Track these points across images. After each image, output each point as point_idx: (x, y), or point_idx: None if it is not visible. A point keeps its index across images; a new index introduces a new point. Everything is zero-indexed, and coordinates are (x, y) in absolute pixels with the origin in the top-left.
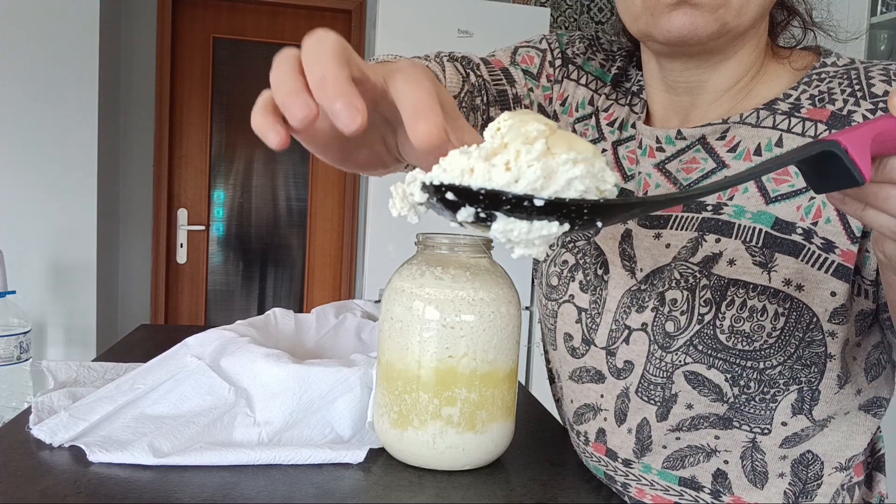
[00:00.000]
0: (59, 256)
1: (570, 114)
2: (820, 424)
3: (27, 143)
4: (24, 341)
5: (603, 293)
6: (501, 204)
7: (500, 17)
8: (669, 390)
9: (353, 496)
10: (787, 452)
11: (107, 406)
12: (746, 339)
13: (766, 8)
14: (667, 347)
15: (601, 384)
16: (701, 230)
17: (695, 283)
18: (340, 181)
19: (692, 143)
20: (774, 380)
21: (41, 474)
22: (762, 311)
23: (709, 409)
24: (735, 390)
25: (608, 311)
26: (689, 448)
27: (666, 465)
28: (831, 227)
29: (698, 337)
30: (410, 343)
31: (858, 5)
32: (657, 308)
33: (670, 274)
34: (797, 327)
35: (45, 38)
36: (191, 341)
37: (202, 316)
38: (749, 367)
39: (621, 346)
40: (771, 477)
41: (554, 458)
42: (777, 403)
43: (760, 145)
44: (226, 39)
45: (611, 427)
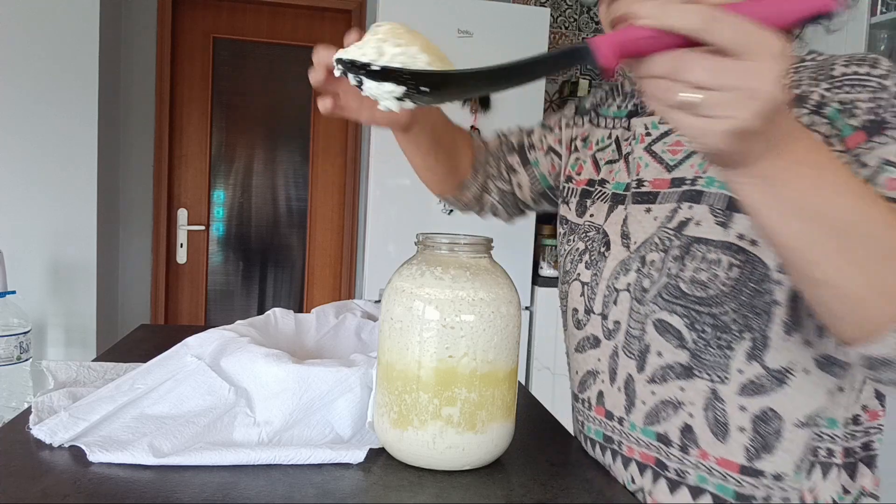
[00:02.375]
0: (59, 256)
1: (590, 147)
2: (776, 376)
3: (27, 143)
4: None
5: (601, 266)
6: (359, 70)
7: (500, 17)
8: (643, 341)
9: (353, 496)
10: (745, 403)
11: (107, 406)
12: (702, 287)
13: None
14: (641, 300)
15: (598, 348)
16: (679, 200)
17: (669, 244)
18: (340, 181)
19: None
20: (728, 326)
21: (41, 474)
22: (717, 262)
23: (674, 356)
24: (693, 335)
25: (603, 280)
26: (661, 403)
27: (646, 422)
28: None
29: (665, 288)
30: (410, 343)
31: (858, 5)
32: (639, 269)
33: (653, 241)
34: (750, 277)
35: (45, 38)
36: (191, 341)
37: (202, 316)
38: (704, 312)
39: (612, 308)
40: (732, 430)
41: (554, 458)
42: (733, 351)
43: None
44: (226, 39)
45: (606, 388)
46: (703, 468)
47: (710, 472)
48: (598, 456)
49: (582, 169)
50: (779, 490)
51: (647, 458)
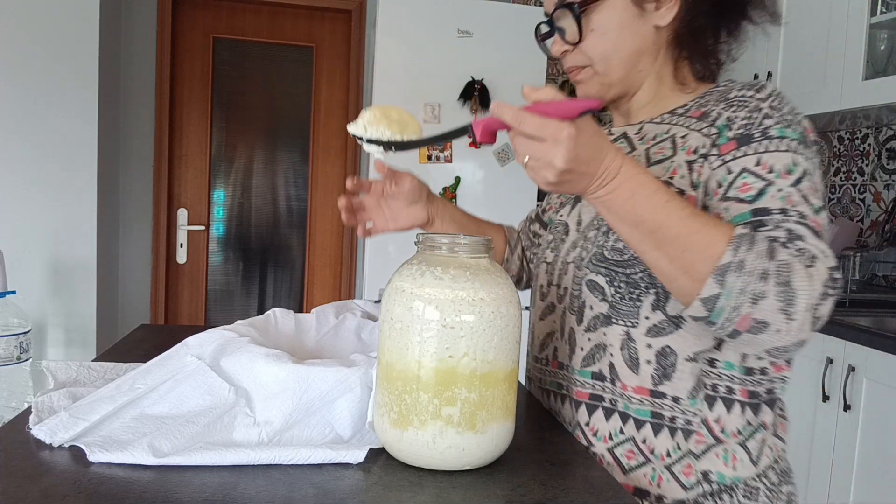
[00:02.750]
0: (59, 256)
1: None
2: (673, 322)
3: (27, 142)
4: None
5: (560, 247)
6: (359, 139)
7: (501, 17)
8: (580, 299)
9: (353, 496)
10: (651, 342)
11: (107, 406)
12: (619, 253)
13: (628, 64)
14: (580, 267)
15: (553, 313)
16: None
17: (601, 223)
18: (340, 181)
19: (618, 137)
20: (637, 283)
21: (41, 474)
22: None
23: (599, 308)
24: (612, 290)
25: (560, 257)
26: (594, 347)
27: (583, 365)
28: (682, 180)
29: (594, 256)
30: (410, 343)
31: (858, 5)
32: (582, 245)
33: (593, 223)
34: None
35: (45, 38)
36: (191, 341)
37: (202, 316)
38: (620, 272)
39: (563, 278)
40: (642, 363)
41: (554, 458)
42: (641, 302)
43: (656, 135)
44: (226, 39)
45: (559, 343)
46: (625, 397)
47: (629, 400)
48: (552, 403)
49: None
50: (680, 413)
51: (582, 396)
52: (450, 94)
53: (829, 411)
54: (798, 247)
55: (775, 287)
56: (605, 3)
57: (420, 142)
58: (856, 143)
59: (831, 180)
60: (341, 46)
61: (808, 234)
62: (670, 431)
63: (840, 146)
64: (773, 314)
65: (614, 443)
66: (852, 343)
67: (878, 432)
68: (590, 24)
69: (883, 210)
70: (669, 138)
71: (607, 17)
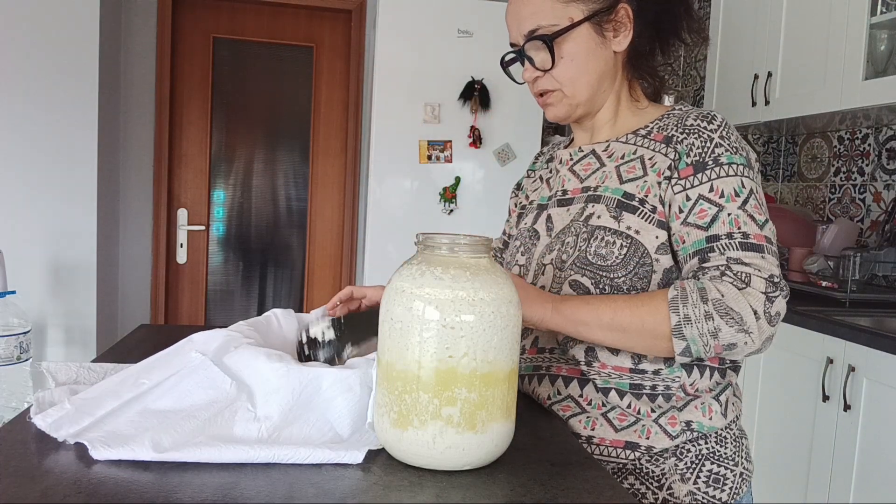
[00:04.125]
0: (59, 256)
1: (527, 196)
2: None
3: (27, 143)
4: (24, 341)
5: (533, 251)
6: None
7: (500, 17)
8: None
9: (353, 496)
10: None
11: (112, 402)
12: (603, 258)
13: (593, 86)
14: (561, 269)
15: None
16: (586, 201)
17: (579, 230)
18: (340, 181)
19: (587, 154)
20: (620, 286)
21: (41, 474)
22: (613, 243)
23: None
24: (597, 290)
25: (534, 260)
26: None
27: (570, 347)
28: (654, 198)
29: (577, 260)
30: (410, 343)
31: (858, 5)
32: (560, 249)
33: (569, 229)
34: (635, 254)
35: (45, 38)
36: (196, 337)
37: (202, 316)
38: (605, 276)
39: (540, 278)
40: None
41: (554, 458)
42: None
43: (625, 153)
44: (226, 39)
45: (539, 333)
46: (604, 374)
47: (609, 375)
48: (524, 385)
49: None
50: (661, 381)
51: (573, 373)
52: (450, 94)
53: (829, 411)
54: (734, 271)
55: (721, 319)
56: (573, 34)
57: (376, 313)
58: (856, 143)
59: (831, 180)
60: (341, 46)
61: (747, 254)
62: (650, 398)
63: (840, 146)
64: (734, 336)
65: (607, 409)
66: (852, 343)
67: (878, 432)
68: (560, 52)
69: (883, 210)
70: (638, 159)
71: (575, 45)
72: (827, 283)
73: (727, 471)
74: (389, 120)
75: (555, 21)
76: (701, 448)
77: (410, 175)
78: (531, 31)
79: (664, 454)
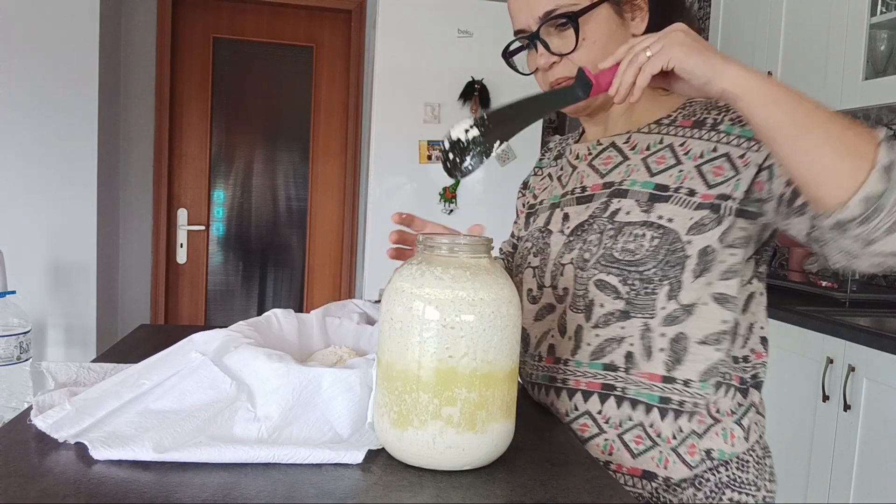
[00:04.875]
0: (59, 256)
1: (535, 194)
2: (687, 310)
3: (27, 143)
4: (24, 341)
5: (547, 251)
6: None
7: (500, 17)
8: (588, 298)
9: (353, 496)
10: (665, 330)
11: (113, 402)
12: (631, 253)
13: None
14: (583, 268)
15: (553, 313)
16: (609, 196)
17: (604, 227)
18: (340, 181)
19: (607, 147)
20: (651, 278)
21: (41, 474)
22: (642, 235)
23: (613, 305)
24: (626, 288)
25: (551, 260)
26: (605, 341)
27: (592, 358)
28: (693, 182)
29: (602, 258)
30: (410, 343)
31: (858, 5)
32: (581, 247)
33: (590, 226)
34: (664, 243)
35: (45, 38)
36: (196, 337)
37: (202, 316)
38: (633, 271)
39: (559, 278)
40: (654, 351)
41: (554, 458)
42: (656, 295)
43: (650, 144)
44: (226, 39)
45: (557, 340)
46: (638, 384)
47: (641, 385)
48: (542, 396)
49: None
50: (689, 396)
51: (593, 386)
52: (450, 94)
53: (829, 411)
54: None
55: None
56: (595, 14)
57: (518, 105)
58: None
59: None
60: (341, 46)
61: None
62: (675, 415)
63: None
64: None
65: (623, 429)
66: (852, 343)
67: (878, 432)
68: (581, 34)
69: None
70: (666, 147)
71: (597, 26)
72: (827, 283)
73: (749, 497)
74: (389, 120)
75: (574, 0)
76: (721, 476)
77: (410, 175)
78: (548, 11)
79: (682, 484)
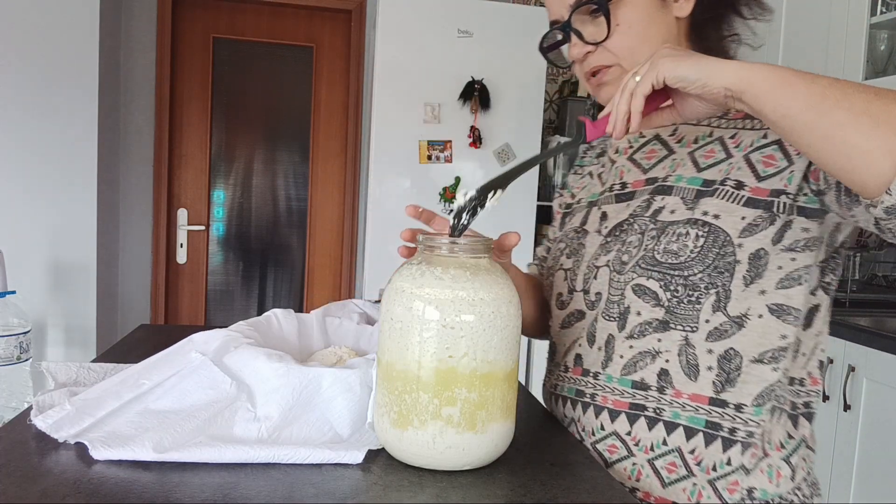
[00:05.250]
0: (59, 256)
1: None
2: (736, 321)
3: (27, 143)
4: (24, 341)
5: (581, 252)
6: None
7: (500, 17)
8: (623, 305)
9: (353, 496)
10: (712, 346)
11: (113, 402)
12: (674, 255)
13: None
14: (620, 272)
15: (583, 320)
16: (652, 194)
17: (645, 227)
18: (340, 181)
19: (650, 140)
20: (696, 285)
21: (41, 474)
22: (686, 234)
23: (651, 314)
24: (668, 294)
25: (584, 262)
26: (639, 354)
27: (623, 373)
28: (741, 172)
29: (642, 259)
30: (410, 343)
31: (858, 5)
32: (619, 249)
33: (630, 225)
34: (714, 245)
35: (45, 38)
36: (196, 337)
37: (202, 316)
38: (676, 275)
39: (592, 282)
40: (702, 369)
41: (554, 458)
42: (701, 305)
43: (698, 137)
44: (226, 39)
45: (585, 350)
46: (676, 405)
47: (682, 407)
48: (568, 410)
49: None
50: (742, 424)
51: (620, 405)
52: (450, 94)
53: (829, 411)
54: None
55: None
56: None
57: (520, 168)
58: None
59: None
60: (341, 46)
61: None
62: (725, 444)
63: None
64: None
65: (656, 454)
66: (852, 343)
67: (878, 432)
68: (616, 19)
69: None
70: (716, 140)
71: (632, 10)
72: None
73: None
74: (389, 120)
75: None
76: None
77: (410, 175)
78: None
79: None
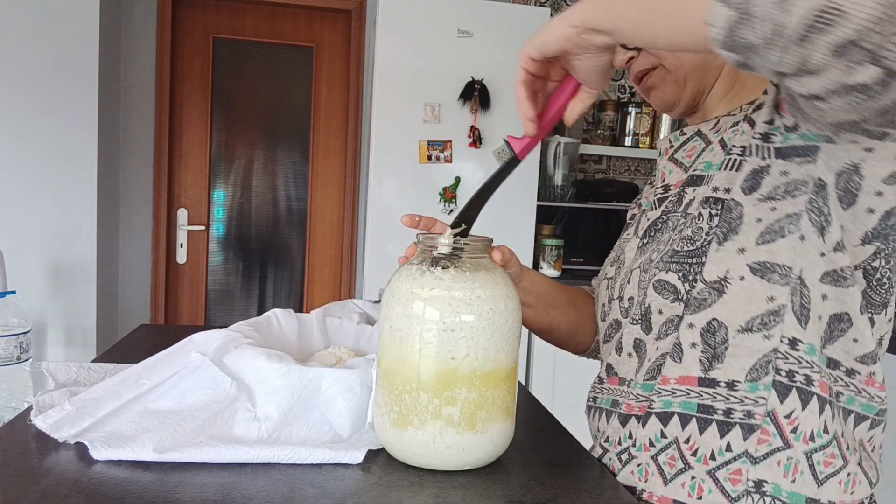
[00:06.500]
0: (59, 256)
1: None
2: (715, 288)
3: (27, 143)
4: (24, 341)
5: (622, 258)
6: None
7: (500, 17)
8: (644, 305)
9: (353, 496)
10: (692, 320)
11: (113, 402)
12: (690, 241)
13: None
14: (647, 270)
15: (620, 330)
16: (683, 187)
17: (677, 222)
18: (340, 181)
19: (691, 136)
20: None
21: (41, 474)
22: (699, 216)
23: (672, 310)
24: (686, 286)
25: (623, 268)
26: (661, 356)
27: (646, 378)
28: (743, 137)
29: (665, 255)
30: (410, 343)
31: None
32: (652, 248)
33: (664, 223)
34: (725, 220)
35: (45, 38)
36: (196, 337)
37: (202, 316)
38: (695, 262)
39: (626, 287)
40: (685, 347)
41: (554, 458)
42: None
43: (733, 122)
44: (226, 39)
45: (615, 358)
46: (665, 393)
47: (672, 393)
48: (602, 423)
49: (631, 220)
50: (737, 403)
51: (630, 409)
52: (450, 94)
53: None
54: None
55: None
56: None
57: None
58: None
59: None
60: (341, 46)
61: None
62: (722, 427)
63: None
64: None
65: (657, 449)
66: None
67: None
68: None
69: None
70: (745, 120)
71: None
72: None
73: None
74: (389, 120)
75: None
76: None
77: (410, 175)
78: None
79: None
